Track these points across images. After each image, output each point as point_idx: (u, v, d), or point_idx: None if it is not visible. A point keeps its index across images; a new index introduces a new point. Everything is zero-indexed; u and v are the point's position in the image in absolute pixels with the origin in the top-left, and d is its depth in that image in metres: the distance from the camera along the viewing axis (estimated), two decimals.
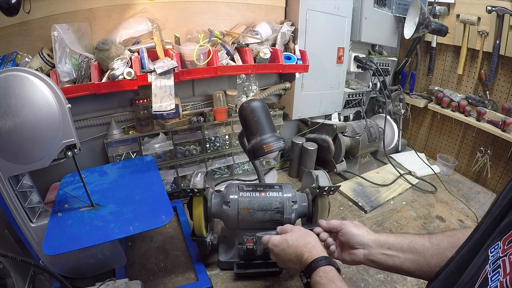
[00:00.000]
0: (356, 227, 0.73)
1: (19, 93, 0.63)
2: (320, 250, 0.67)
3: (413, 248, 0.66)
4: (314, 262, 0.63)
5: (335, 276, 0.61)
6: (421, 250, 0.65)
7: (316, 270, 0.62)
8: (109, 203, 0.83)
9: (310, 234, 0.73)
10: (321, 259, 0.64)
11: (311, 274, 0.63)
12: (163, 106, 0.95)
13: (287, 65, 1.23)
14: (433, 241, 0.66)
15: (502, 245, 0.38)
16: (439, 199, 1.35)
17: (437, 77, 1.76)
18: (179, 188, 1.25)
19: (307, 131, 1.49)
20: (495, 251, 0.38)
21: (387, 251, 0.68)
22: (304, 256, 0.66)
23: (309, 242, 0.69)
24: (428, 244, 0.65)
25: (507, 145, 1.46)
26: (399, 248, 0.68)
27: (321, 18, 1.36)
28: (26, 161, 0.67)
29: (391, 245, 0.68)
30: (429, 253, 0.64)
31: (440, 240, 0.65)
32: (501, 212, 0.42)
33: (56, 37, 0.86)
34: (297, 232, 0.73)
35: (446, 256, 0.60)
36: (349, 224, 0.74)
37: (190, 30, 1.11)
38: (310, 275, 0.63)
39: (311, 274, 0.62)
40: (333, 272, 0.62)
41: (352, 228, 0.72)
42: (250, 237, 0.89)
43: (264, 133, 0.85)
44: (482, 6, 1.40)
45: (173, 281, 0.88)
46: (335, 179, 1.47)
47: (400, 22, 1.71)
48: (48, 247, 0.67)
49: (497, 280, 0.34)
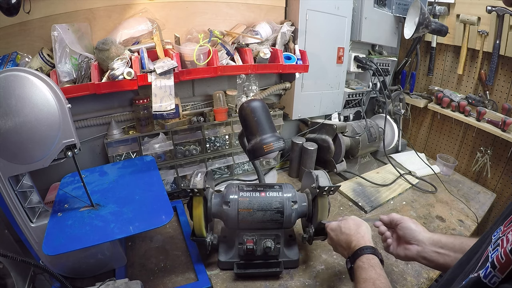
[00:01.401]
0: (415, 223, 0.77)
1: (19, 93, 0.63)
2: (367, 240, 0.72)
3: (463, 249, 0.68)
4: (360, 250, 0.69)
5: (376, 264, 0.66)
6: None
7: (360, 257, 0.68)
8: (109, 203, 0.83)
9: (362, 224, 0.78)
10: (366, 248, 0.69)
11: (356, 260, 0.68)
12: (163, 106, 0.95)
13: (287, 65, 1.23)
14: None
15: (503, 228, 0.41)
16: (439, 199, 1.35)
17: (437, 77, 1.76)
18: (179, 188, 1.25)
19: (307, 131, 1.48)
20: (497, 234, 0.42)
21: (440, 250, 0.72)
22: (353, 243, 0.73)
23: (359, 232, 0.75)
24: None
25: (507, 145, 1.46)
26: (451, 247, 0.71)
27: (321, 18, 1.36)
28: (26, 161, 0.67)
29: (444, 244, 0.72)
30: None
31: None
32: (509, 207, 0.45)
33: (56, 37, 0.86)
34: (351, 221, 0.79)
35: None
36: (408, 219, 0.78)
37: (190, 30, 1.11)
38: (355, 261, 0.68)
39: (356, 260, 0.68)
40: (376, 260, 0.67)
41: (411, 224, 0.77)
42: (250, 237, 0.89)
43: (264, 133, 0.85)
44: (482, 6, 1.40)
45: (173, 281, 0.88)
46: (335, 179, 1.47)
47: (400, 22, 1.71)
48: (48, 247, 0.67)
49: (495, 255, 0.38)
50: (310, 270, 0.94)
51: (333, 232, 0.81)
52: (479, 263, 0.41)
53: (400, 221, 0.78)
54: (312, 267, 0.95)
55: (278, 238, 0.90)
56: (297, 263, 0.94)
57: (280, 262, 0.91)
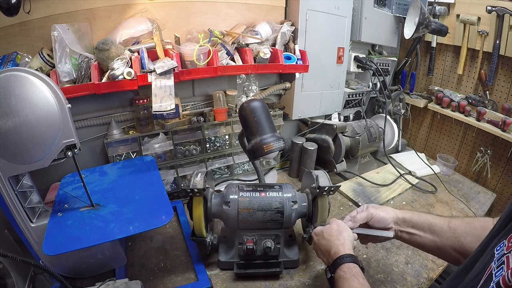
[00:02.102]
0: (383, 210, 0.78)
1: (19, 93, 0.63)
2: (347, 248, 0.70)
3: (432, 229, 0.72)
4: (340, 258, 0.67)
5: (358, 272, 0.64)
6: (439, 232, 0.71)
7: (341, 266, 0.66)
8: (109, 203, 0.83)
9: (345, 231, 0.75)
10: (346, 256, 0.67)
11: (336, 269, 0.67)
12: (163, 106, 0.95)
13: (287, 65, 1.23)
14: (451, 225, 0.70)
15: (507, 243, 0.39)
16: (439, 199, 1.35)
17: (437, 77, 1.76)
18: (179, 188, 1.25)
19: (307, 131, 1.48)
20: (500, 249, 0.40)
21: (411, 230, 0.75)
22: (332, 250, 0.71)
23: (339, 238, 0.73)
24: (446, 228, 0.71)
25: (507, 145, 1.47)
26: (420, 227, 0.74)
27: (321, 18, 1.35)
28: (26, 161, 0.67)
29: (414, 224, 0.74)
30: (445, 235, 0.69)
31: (457, 226, 0.70)
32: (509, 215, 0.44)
33: (56, 37, 0.86)
34: (334, 226, 0.77)
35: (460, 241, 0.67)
36: (375, 211, 0.78)
37: (190, 30, 1.11)
38: (335, 270, 0.67)
39: (336, 269, 0.67)
40: (357, 269, 0.65)
41: (381, 213, 0.77)
42: (250, 237, 0.89)
43: (264, 133, 0.85)
44: (482, 6, 1.40)
45: (173, 281, 0.88)
46: (335, 179, 1.47)
47: (400, 22, 1.71)
48: (48, 247, 0.67)
49: (500, 275, 0.36)
50: (310, 270, 0.94)
51: (316, 237, 0.78)
52: (482, 279, 0.39)
53: (371, 217, 0.78)
54: (312, 267, 0.95)
55: (278, 238, 0.90)
56: (297, 263, 0.94)
57: (280, 262, 0.91)
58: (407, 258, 0.99)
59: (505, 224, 0.44)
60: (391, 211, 0.78)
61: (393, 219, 0.77)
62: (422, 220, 0.74)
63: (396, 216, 0.77)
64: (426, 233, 0.72)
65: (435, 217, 0.75)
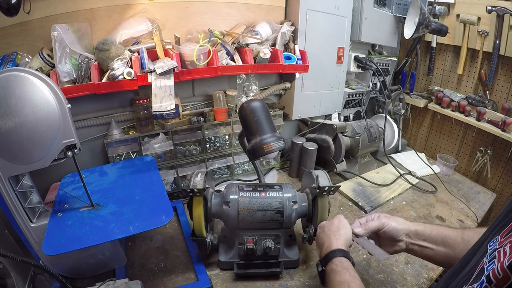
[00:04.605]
0: (395, 221, 0.76)
1: (19, 93, 0.63)
2: (341, 244, 0.71)
3: (445, 242, 0.70)
4: (332, 252, 0.68)
5: (349, 266, 0.65)
6: (452, 244, 0.69)
7: (332, 259, 0.67)
8: (109, 203, 0.83)
9: (344, 227, 0.76)
10: (338, 251, 0.68)
11: (328, 262, 0.67)
12: (163, 106, 0.95)
13: (287, 65, 1.23)
14: (464, 237, 0.69)
15: (500, 238, 0.40)
16: (439, 199, 1.35)
17: (437, 77, 1.76)
18: (179, 188, 1.25)
19: (307, 131, 1.48)
20: (493, 245, 0.41)
21: (423, 243, 0.73)
22: (325, 244, 0.72)
23: (335, 234, 0.73)
24: (459, 240, 0.69)
25: (507, 145, 1.46)
26: (433, 241, 0.72)
27: (321, 18, 1.35)
28: (26, 161, 0.67)
29: (427, 237, 0.73)
30: (459, 248, 0.68)
31: (470, 237, 0.68)
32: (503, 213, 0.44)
33: (56, 37, 0.86)
34: (335, 222, 0.77)
35: None
36: (388, 221, 0.76)
37: (190, 30, 1.11)
38: (326, 263, 0.67)
39: (328, 263, 0.67)
40: (348, 263, 0.66)
41: (393, 224, 0.75)
42: (250, 237, 0.89)
43: (264, 133, 0.85)
44: (482, 6, 1.40)
45: (173, 281, 0.88)
46: (335, 179, 1.47)
47: (400, 22, 1.71)
48: (48, 247, 0.67)
49: (491, 268, 0.37)
50: (310, 270, 0.94)
51: (319, 230, 0.80)
52: (474, 274, 0.40)
53: (382, 227, 0.76)
54: (312, 267, 0.95)
55: (278, 238, 0.90)
56: (297, 263, 0.94)
57: (280, 262, 0.91)
58: (407, 258, 0.99)
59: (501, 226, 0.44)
60: (403, 222, 0.76)
61: (404, 231, 0.75)
62: (435, 233, 0.72)
63: (408, 228, 0.75)
64: (439, 246, 0.71)
65: (448, 229, 0.73)
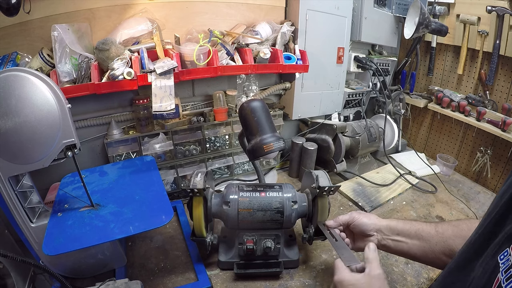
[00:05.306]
0: (366, 216, 0.77)
1: (19, 93, 0.63)
2: None
3: (419, 235, 0.71)
4: None
5: None
6: (426, 237, 0.69)
7: None
8: (109, 203, 0.83)
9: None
10: None
11: None
12: (163, 106, 0.95)
13: (287, 65, 1.23)
14: (438, 230, 0.69)
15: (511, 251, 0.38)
16: (439, 199, 1.35)
17: (437, 77, 1.76)
18: (179, 188, 1.25)
19: (307, 131, 1.48)
20: (505, 258, 0.38)
21: (396, 237, 0.73)
22: None
23: None
24: (433, 232, 0.69)
25: (507, 145, 1.46)
26: (407, 234, 0.72)
27: (321, 18, 1.35)
28: (26, 161, 0.67)
29: (400, 231, 0.73)
30: (434, 240, 0.68)
31: (445, 229, 0.69)
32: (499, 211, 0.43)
33: (56, 37, 0.86)
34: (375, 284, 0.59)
35: (449, 245, 0.65)
36: (358, 215, 0.77)
37: (190, 30, 1.11)
38: None
39: None
40: None
41: (363, 219, 0.76)
42: (250, 237, 0.89)
43: (264, 133, 0.85)
44: (482, 6, 1.40)
45: (173, 281, 0.88)
46: (335, 179, 1.47)
47: (400, 22, 1.71)
48: (48, 247, 0.67)
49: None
50: (310, 270, 0.94)
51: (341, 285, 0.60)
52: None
53: (352, 221, 0.77)
54: (312, 267, 0.95)
55: (278, 238, 0.90)
56: (297, 263, 0.94)
57: (280, 262, 0.91)
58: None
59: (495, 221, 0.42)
60: (375, 218, 0.77)
61: (374, 226, 0.75)
62: (408, 227, 0.73)
63: (379, 223, 0.75)
64: (413, 240, 0.71)
65: (421, 223, 0.74)
